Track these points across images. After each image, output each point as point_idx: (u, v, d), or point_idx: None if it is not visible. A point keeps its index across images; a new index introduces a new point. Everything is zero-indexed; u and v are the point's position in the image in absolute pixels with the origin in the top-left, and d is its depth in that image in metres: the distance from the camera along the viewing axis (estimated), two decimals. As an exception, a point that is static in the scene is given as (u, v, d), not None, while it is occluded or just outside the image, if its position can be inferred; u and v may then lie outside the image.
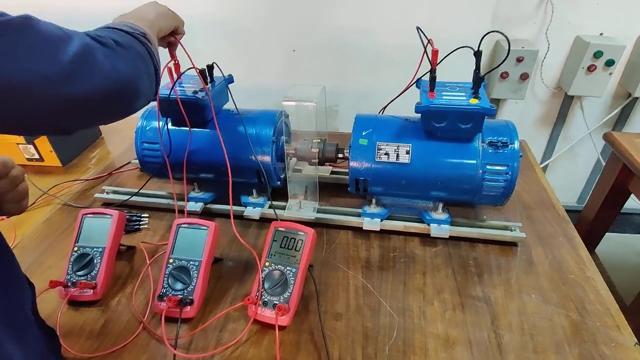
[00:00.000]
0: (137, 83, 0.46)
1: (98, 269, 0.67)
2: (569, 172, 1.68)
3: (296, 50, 1.43)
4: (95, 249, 0.68)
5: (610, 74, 1.34)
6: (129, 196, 0.86)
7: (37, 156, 1.04)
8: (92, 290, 0.66)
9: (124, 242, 0.76)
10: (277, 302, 0.61)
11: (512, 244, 0.75)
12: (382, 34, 1.35)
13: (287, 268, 0.63)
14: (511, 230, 0.75)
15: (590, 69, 1.33)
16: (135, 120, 1.34)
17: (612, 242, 1.67)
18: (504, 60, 0.63)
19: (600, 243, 1.28)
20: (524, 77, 1.39)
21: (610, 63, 1.32)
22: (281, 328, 0.61)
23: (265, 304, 0.62)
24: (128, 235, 0.80)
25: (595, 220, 1.18)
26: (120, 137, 1.20)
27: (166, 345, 0.57)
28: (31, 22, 0.36)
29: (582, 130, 1.54)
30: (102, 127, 1.21)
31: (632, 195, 1.13)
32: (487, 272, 0.70)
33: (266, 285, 0.63)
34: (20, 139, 1.01)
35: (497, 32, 0.61)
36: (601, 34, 1.37)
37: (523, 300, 0.65)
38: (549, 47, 1.37)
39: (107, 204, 0.88)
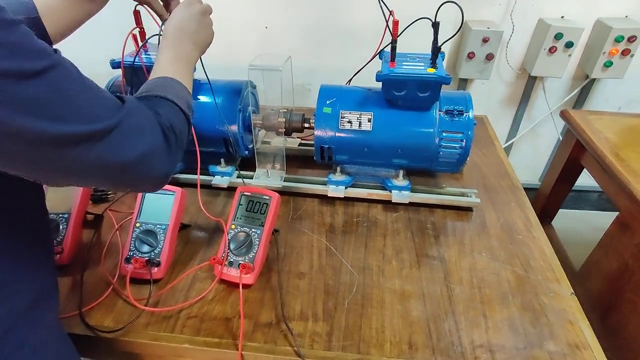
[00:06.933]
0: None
1: (64, 235, 0.67)
2: (532, 152, 1.76)
3: (268, 27, 1.43)
4: (61, 216, 0.69)
5: (570, 55, 1.41)
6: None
7: None
8: (58, 255, 0.66)
9: (92, 211, 0.76)
10: (242, 262, 0.63)
11: (468, 209, 0.80)
12: (353, 11, 1.37)
13: (253, 230, 0.65)
14: (468, 196, 0.79)
15: (551, 50, 1.39)
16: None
17: (569, 218, 1.77)
18: (459, 29, 0.66)
19: (558, 218, 1.36)
20: (489, 57, 1.43)
21: (569, 45, 1.38)
22: (246, 286, 0.63)
23: (231, 264, 0.64)
24: (95, 205, 0.81)
25: (551, 194, 1.25)
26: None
27: (134, 304, 0.59)
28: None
29: (544, 111, 1.61)
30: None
31: (585, 171, 1.19)
32: (444, 234, 0.74)
33: (232, 246, 0.65)
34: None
35: (451, 1, 0.64)
36: (562, 17, 1.42)
37: (474, 258, 0.69)
38: (513, 29, 1.42)
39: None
